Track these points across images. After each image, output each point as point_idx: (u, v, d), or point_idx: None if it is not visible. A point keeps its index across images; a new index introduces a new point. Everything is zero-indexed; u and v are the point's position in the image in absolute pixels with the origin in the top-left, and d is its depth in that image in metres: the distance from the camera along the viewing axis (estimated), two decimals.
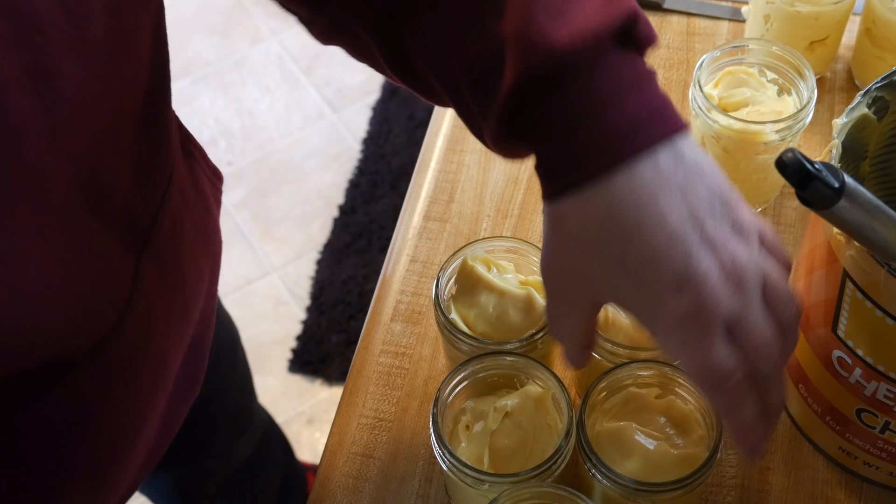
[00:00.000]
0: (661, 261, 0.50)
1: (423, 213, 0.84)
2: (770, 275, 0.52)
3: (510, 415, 0.63)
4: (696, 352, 0.51)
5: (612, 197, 0.50)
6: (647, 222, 0.50)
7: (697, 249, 0.50)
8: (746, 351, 0.51)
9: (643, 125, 0.50)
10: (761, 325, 0.52)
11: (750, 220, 0.53)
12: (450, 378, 0.63)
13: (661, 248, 0.50)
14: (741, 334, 0.51)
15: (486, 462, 0.61)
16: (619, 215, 0.50)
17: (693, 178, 0.51)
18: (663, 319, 0.51)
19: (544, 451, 0.61)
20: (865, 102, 0.62)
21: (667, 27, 0.94)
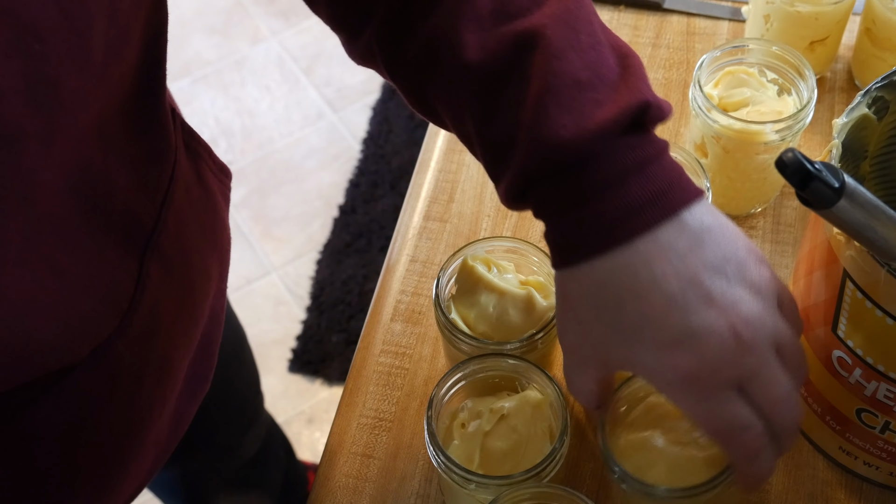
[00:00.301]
0: (658, 321, 0.51)
1: (423, 213, 0.84)
2: (784, 336, 0.53)
3: (506, 417, 0.63)
4: (706, 410, 0.52)
5: (609, 268, 0.51)
6: (643, 288, 0.51)
7: (697, 307, 0.51)
8: (761, 406, 0.52)
9: (645, 206, 0.51)
10: (776, 382, 0.52)
11: (768, 281, 0.53)
12: (447, 377, 0.63)
13: (658, 310, 0.51)
14: (754, 391, 0.52)
15: (477, 462, 0.61)
16: (614, 284, 0.52)
17: (698, 245, 0.52)
18: (669, 380, 0.52)
19: (536, 457, 0.61)
20: (865, 102, 0.62)
21: (667, 27, 0.95)
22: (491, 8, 0.53)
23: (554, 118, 0.51)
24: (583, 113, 0.51)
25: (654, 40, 0.94)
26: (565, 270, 0.53)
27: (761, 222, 0.82)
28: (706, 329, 0.50)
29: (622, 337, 0.52)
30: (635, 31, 0.94)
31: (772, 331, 0.52)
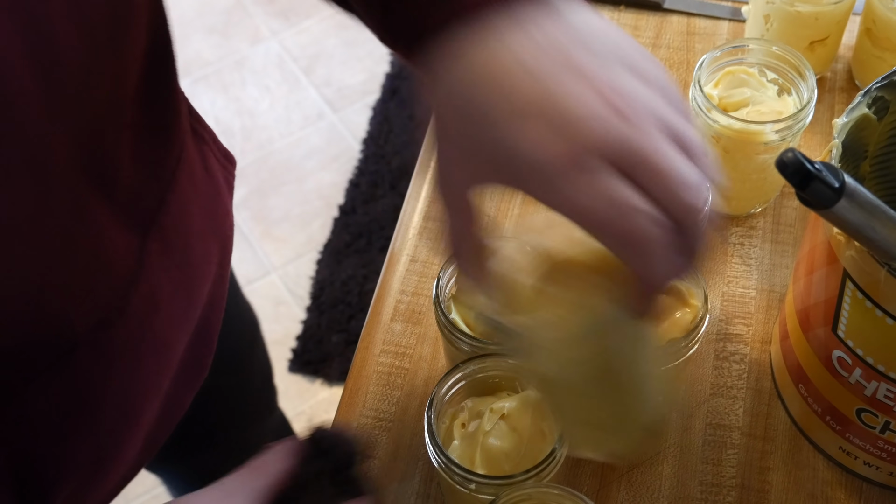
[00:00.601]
0: (514, 92, 0.43)
1: (423, 213, 0.84)
2: (680, 126, 0.44)
3: (506, 417, 0.63)
4: (582, 195, 0.42)
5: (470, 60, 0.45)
6: (498, 69, 0.44)
7: (561, 74, 0.43)
8: (656, 195, 0.42)
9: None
10: (666, 155, 0.42)
11: (661, 78, 0.46)
12: (447, 377, 0.63)
13: (516, 81, 0.43)
14: (639, 170, 0.42)
15: (478, 462, 0.61)
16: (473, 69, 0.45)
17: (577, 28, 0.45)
18: (526, 160, 0.43)
19: (536, 457, 0.61)
20: (865, 102, 0.62)
21: (667, 27, 0.94)
22: None
23: None
24: None
25: (654, 40, 0.94)
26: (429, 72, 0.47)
27: (761, 222, 0.82)
28: (568, 91, 0.42)
29: (477, 124, 0.44)
30: (635, 31, 0.94)
31: (660, 112, 0.43)
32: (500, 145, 0.44)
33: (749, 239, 0.81)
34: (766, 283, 0.78)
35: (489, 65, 0.44)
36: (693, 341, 0.64)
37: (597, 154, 0.42)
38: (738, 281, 0.79)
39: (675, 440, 0.72)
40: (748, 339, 0.76)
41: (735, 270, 0.79)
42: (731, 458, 0.71)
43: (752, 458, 0.71)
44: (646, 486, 0.70)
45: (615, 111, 0.42)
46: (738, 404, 0.73)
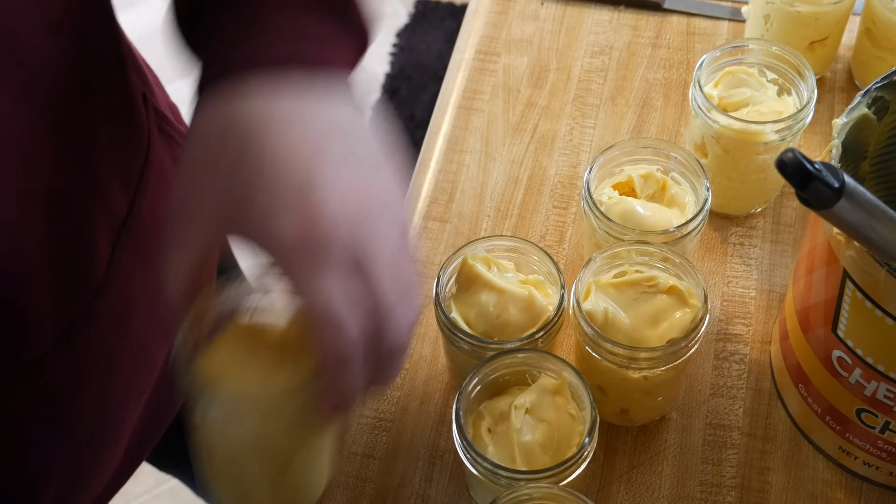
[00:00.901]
0: (283, 170, 0.46)
1: (423, 213, 0.84)
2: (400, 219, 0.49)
3: (531, 411, 0.63)
4: (313, 278, 0.45)
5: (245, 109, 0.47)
6: (273, 135, 0.47)
7: (326, 163, 0.46)
8: (369, 297, 0.46)
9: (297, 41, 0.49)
10: (391, 262, 0.46)
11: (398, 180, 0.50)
12: (465, 385, 0.62)
13: (285, 161, 0.46)
14: (370, 273, 0.46)
15: (518, 461, 0.61)
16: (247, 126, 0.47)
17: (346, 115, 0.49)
18: (279, 237, 0.45)
19: (570, 440, 0.62)
20: (865, 102, 0.62)
21: (667, 27, 0.95)
22: None
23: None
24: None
25: (654, 40, 0.94)
26: (202, 109, 0.48)
27: (761, 222, 0.82)
28: (327, 182, 0.46)
29: (240, 183, 0.46)
30: (635, 31, 0.94)
31: (399, 215, 0.48)
32: (256, 219, 0.46)
33: (749, 239, 0.81)
34: (766, 283, 0.78)
35: (266, 136, 0.47)
36: (693, 341, 0.65)
37: (337, 253, 0.45)
38: (738, 281, 0.79)
39: (675, 440, 0.72)
40: (748, 339, 0.76)
41: (735, 270, 0.79)
42: (731, 458, 0.71)
43: (752, 458, 0.71)
44: (646, 485, 0.70)
45: (361, 213, 0.46)
46: (738, 404, 0.73)
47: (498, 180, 0.85)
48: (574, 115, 0.89)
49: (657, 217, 0.71)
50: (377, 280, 0.46)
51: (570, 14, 0.96)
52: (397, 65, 2.14)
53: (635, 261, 0.68)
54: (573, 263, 0.80)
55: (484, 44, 0.94)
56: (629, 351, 0.64)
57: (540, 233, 0.82)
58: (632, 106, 0.89)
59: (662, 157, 0.74)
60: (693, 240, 0.70)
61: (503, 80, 0.91)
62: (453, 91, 0.91)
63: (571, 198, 0.84)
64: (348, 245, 0.45)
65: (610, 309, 0.66)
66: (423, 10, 2.22)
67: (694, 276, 0.66)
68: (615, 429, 0.72)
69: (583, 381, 0.62)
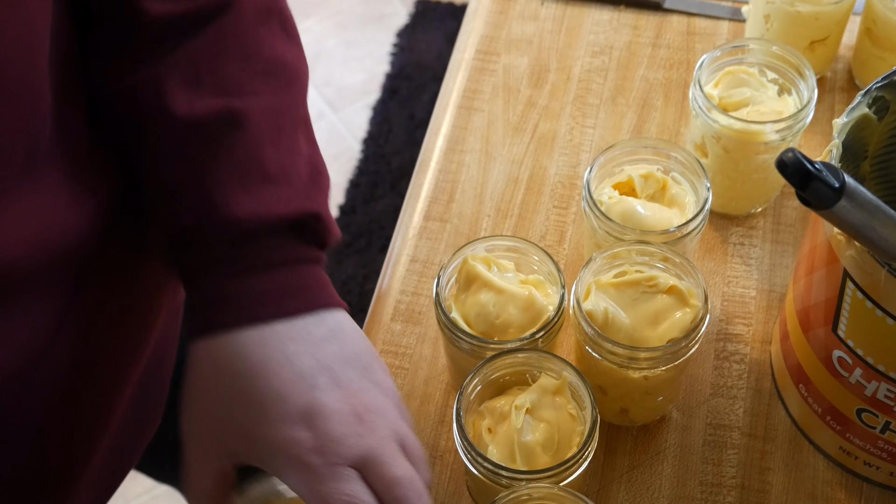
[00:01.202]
0: (285, 395, 0.53)
1: (423, 213, 0.84)
2: (406, 434, 0.55)
3: (531, 411, 0.63)
4: (323, 488, 0.51)
5: (244, 341, 0.54)
6: (274, 363, 0.53)
7: (325, 387, 0.53)
8: (380, 490, 0.52)
9: (288, 295, 0.55)
10: (396, 465, 0.53)
11: (392, 388, 0.57)
12: (466, 385, 0.63)
13: (286, 385, 0.53)
14: (373, 473, 0.52)
15: (518, 461, 0.61)
16: (247, 357, 0.53)
17: (333, 338, 0.55)
18: (288, 457, 0.52)
19: (570, 440, 0.62)
20: (866, 102, 0.62)
21: (667, 27, 0.95)
22: (211, 80, 0.57)
23: (234, 195, 0.55)
24: (260, 200, 0.56)
25: (654, 40, 0.94)
26: (200, 340, 0.55)
27: (761, 222, 0.82)
28: (331, 407, 0.53)
29: (246, 413, 0.53)
30: (635, 31, 0.94)
31: (393, 423, 0.54)
32: (268, 442, 0.53)
33: (749, 239, 0.81)
34: (766, 283, 0.78)
35: (265, 363, 0.53)
36: (693, 341, 0.65)
37: (346, 463, 0.52)
38: (738, 281, 0.79)
39: (676, 440, 0.72)
40: (748, 339, 0.76)
41: (735, 270, 0.79)
42: (732, 458, 0.71)
43: (753, 458, 0.71)
44: (646, 486, 0.70)
45: (364, 426, 0.53)
46: (738, 404, 0.73)
47: (498, 180, 0.85)
48: (574, 115, 0.89)
49: (657, 217, 0.71)
50: (388, 474, 0.52)
51: (570, 14, 0.96)
52: (397, 65, 2.14)
53: (635, 261, 0.68)
54: (573, 263, 0.80)
55: (484, 44, 0.94)
56: (629, 351, 0.64)
57: (540, 233, 0.82)
58: (632, 106, 0.89)
59: (663, 156, 0.74)
60: (693, 240, 0.70)
61: (503, 79, 0.91)
62: (453, 91, 0.91)
63: (571, 198, 0.84)
64: (352, 456, 0.52)
65: (610, 309, 0.66)
66: (423, 10, 2.22)
67: (694, 276, 0.66)
68: (615, 429, 0.72)
69: (583, 381, 0.62)
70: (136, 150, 0.58)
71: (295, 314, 0.55)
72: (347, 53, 2.19)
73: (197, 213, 0.55)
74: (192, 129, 0.56)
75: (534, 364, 0.64)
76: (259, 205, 0.55)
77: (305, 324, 0.55)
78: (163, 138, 0.57)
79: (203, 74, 0.57)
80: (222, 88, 0.57)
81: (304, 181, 0.58)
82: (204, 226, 0.55)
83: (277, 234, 0.56)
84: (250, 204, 0.55)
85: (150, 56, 0.57)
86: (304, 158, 0.59)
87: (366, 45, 2.19)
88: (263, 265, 0.55)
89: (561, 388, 0.63)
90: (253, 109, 0.57)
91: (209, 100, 0.56)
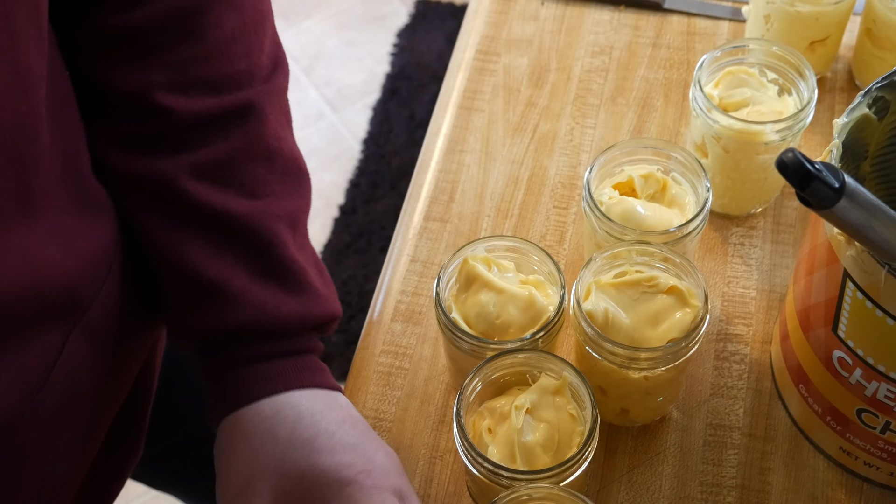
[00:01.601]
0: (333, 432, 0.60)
1: (423, 213, 0.84)
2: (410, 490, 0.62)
3: (531, 411, 0.63)
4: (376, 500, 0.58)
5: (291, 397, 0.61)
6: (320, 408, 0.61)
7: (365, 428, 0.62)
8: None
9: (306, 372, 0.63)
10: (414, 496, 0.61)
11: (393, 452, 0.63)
12: (466, 385, 0.63)
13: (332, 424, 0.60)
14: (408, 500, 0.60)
15: (519, 461, 0.61)
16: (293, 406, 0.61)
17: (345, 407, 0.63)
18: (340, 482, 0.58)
19: (570, 440, 0.62)
20: (866, 102, 0.62)
21: (667, 27, 0.95)
22: (237, 181, 0.62)
23: (278, 297, 0.62)
24: (302, 303, 0.62)
25: (654, 40, 0.94)
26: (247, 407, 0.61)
27: (761, 222, 0.82)
28: (374, 442, 0.60)
29: (295, 450, 0.59)
30: (635, 31, 0.94)
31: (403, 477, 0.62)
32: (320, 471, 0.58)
33: (749, 239, 0.81)
34: (766, 283, 0.78)
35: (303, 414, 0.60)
36: (693, 341, 0.65)
37: (390, 483, 0.59)
38: (738, 281, 0.79)
39: (676, 440, 0.72)
40: (748, 339, 0.76)
41: (735, 270, 0.79)
42: (732, 458, 0.71)
43: (753, 459, 0.71)
44: (646, 486, 0.70)
45: (400, 465, 0.61)
46: (738, 404, 0.73)
47: (498, 180, 0.85)
48: (574, 115, 0.89)
49: (657, 217, 0.71)
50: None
51: (570, 14, 0.96)
52: (397, 65, 2.14)
53: (635, 261, 0.68)
54: (573, 263, 0.80)
55: (484, 44, 0.94)
56: (629, 351, 0.64)
57: (540, 233, 0.82)
58: (632, 106, 0.89)
59: (663, 157, 0.74)
60: (693, 240, 0.70)
61: (503, 80, 0.91)
62: (453, 91, 0.91)
63: (572, 198, 0.84)
64: (396, 486, 0.59)
65: (610, 309, 0.66)
66: (423, 10, 2.22)
67: (694, 276, 0.66)
68: (615, 429, 0.72)
69: (583, 382, 0.62)
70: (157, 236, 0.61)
71: (312, 387, 0.62)
72: (347, 53, 2.19)
73: (244, 314, 0.60)
74: (224, 227, 0.61)
75: (534, 364, 0.64)
76: (304, 305, 0.62)
77: (318, 393, 0.62)
78: (191, 230, 0.60)
79: (229, 176, 0.61)
80: (248, 191, 0.62)
81: (326, 280, 0.65)
82: (250, 327, 0.61)
83: (312, 329, 0.64)
84: (294, 305, 0.62)
85: (175, 152, 0.60)
86: (312, 254, 0.66)
87: (366, 45, 2.19)
88: (297, 351, 0.63)
89: (561, 388, 0.63)
90: (278, 212, 0.62)
91: (237, 200, 0.61)
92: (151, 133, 0.60)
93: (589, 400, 0.61)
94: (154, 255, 0.62)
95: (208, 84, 0.60)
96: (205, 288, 0.60)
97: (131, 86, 0.59)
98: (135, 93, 0.59)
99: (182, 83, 0.59)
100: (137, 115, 0.60)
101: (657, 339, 0.65)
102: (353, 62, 2.18)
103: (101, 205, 0.61)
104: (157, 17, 0.58)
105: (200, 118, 0.60)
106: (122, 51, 0.59)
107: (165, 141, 0.60)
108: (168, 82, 0.59)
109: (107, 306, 0.61)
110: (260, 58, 0.63)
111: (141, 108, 0.59)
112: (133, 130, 0.60)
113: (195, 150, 0.60)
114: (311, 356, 0.64)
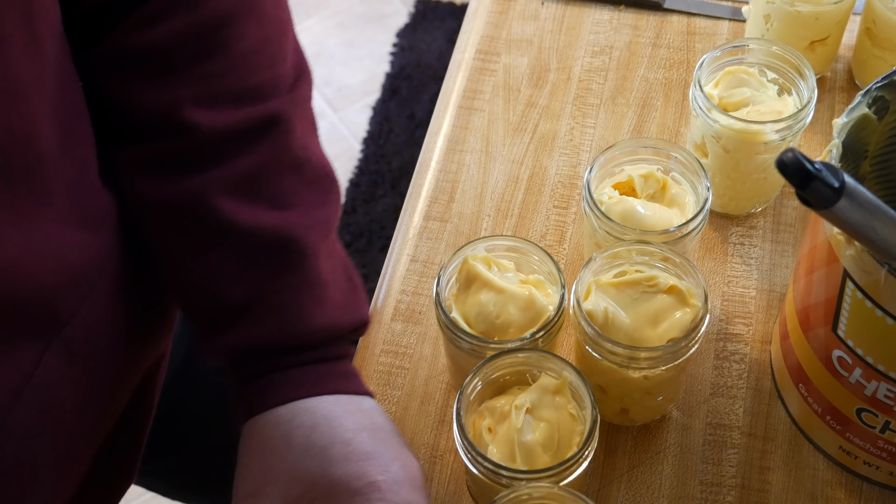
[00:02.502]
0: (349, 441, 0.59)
1: (423, 213, 0.84)
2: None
3: (531, 410, 0.63)
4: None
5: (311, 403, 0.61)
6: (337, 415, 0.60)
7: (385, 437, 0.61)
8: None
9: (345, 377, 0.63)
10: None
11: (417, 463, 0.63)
12: (466, 384, 0.63)
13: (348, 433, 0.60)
14: None
15: (518, 461, 0.61)
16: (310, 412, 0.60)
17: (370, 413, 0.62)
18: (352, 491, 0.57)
19: (570, 440, 0.62)
20: (866, 102, 0.62)
21: (667, 27, 0.95)
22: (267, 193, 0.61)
23: (307, 308, 0.62)
24: (329, 312, 0.62)
25: (654, 40, 0.94)
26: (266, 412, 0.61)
27: (761, 222, 0.82)
28: (393, 452, 0.60)
29: (311, 459, 0.58)
30: (635, 31, 0.94)
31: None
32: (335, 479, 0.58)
33: (749, 239, 0.81)
34: (766, 282, 0.78)
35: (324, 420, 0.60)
36: (693, 341, 0.65)
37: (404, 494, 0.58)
38: (738, 281, 0.79)
39: (675, 440, 0.72)
40: (748, 339, 0.76)
41: (735, 270, 0.79)
42: (732, 457, 0.71)
43: (753, 458, 0.71)
44: (646, 485, 0.70)
45: (416, 478, 0.60)
46: (738, 404, 0.73)
47: (498, 180, 0.85)
48: (574, 115, 0.89)
49: (657, 217, 0.71)
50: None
51: (570, 14, 0.96)
52: (397, 64, 2.14)
53: (635, 260, 0.68)
54: (573, 263, 0.80)
55: (484, 43, 0.94)
56: (629, 351, 0.64)
57: (540, 232, 0.82)
58: (632, 106, 0.89)
59: (663, 156, 0.74)
60: (693, 240, 0.70)
61: (503, 79, 0.91)
62: (453, 91, 0.91)
63: (572, 198, 0.84)
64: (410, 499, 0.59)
65: (610, 309, 0.66)
66: (423, 10, 2.22)
67: (694, 275, 0.66)
68: (615, 428, 0.72)
69: (583, 381, 0.62)
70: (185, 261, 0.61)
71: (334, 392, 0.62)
72: (347, 53, 2.19)
73: (272, 331, 0.61)
74: (255, 242, 0.60)
75: (534, 364, 0.64)
76: (330, 317, 0.62)
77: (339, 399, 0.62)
78: (222, 250, 0.60)
79: (259, 189, 0.61)
80: (278, 202, 0.61)
81: (354, 286, 0.65)
82: (277, 343, 0.61)
83: (339, 337, 0.63)
84: (322, 317, 0.62)
85: (204, 168, 0.60)
86: (341, 259, 0.66)
87: (366, 45, 2.19)
88: (322, 359, 0.62)
89: (561, 387, 0.63)
90: (309, 222, 0.62)
91: (268, 213, 0.61)
92: (179, 152, 0.59)
93: (589, 399, 0.61)
94: (182, 281, 0.62)
95: (234, 97, 0.60)
96: (235, 310, 0.61)
97: (157, 104, 0.58)
98: (160, 111, 0.58)
99: (208, 98, 0.59)
100: (163, 134, 0.59)
101: (657, 338, 0.65)
102: (353, 62, 2.18)
103: (100, 220, 0.60)
104: (179, 33, 0.58)
105: (227, 132, 0.59)
106: (146, 68, 0.58)
107: (193, 158, 0.59)
108: (194, 98, 0.58)
109: (88, 325, 0.59)
110: (283, 67, 0.62)
111: (167, 127, 0.59)
112: (160, 151, 0.59)
113: (224, 165, 0.60)
114: (337, 362, 0.63)
